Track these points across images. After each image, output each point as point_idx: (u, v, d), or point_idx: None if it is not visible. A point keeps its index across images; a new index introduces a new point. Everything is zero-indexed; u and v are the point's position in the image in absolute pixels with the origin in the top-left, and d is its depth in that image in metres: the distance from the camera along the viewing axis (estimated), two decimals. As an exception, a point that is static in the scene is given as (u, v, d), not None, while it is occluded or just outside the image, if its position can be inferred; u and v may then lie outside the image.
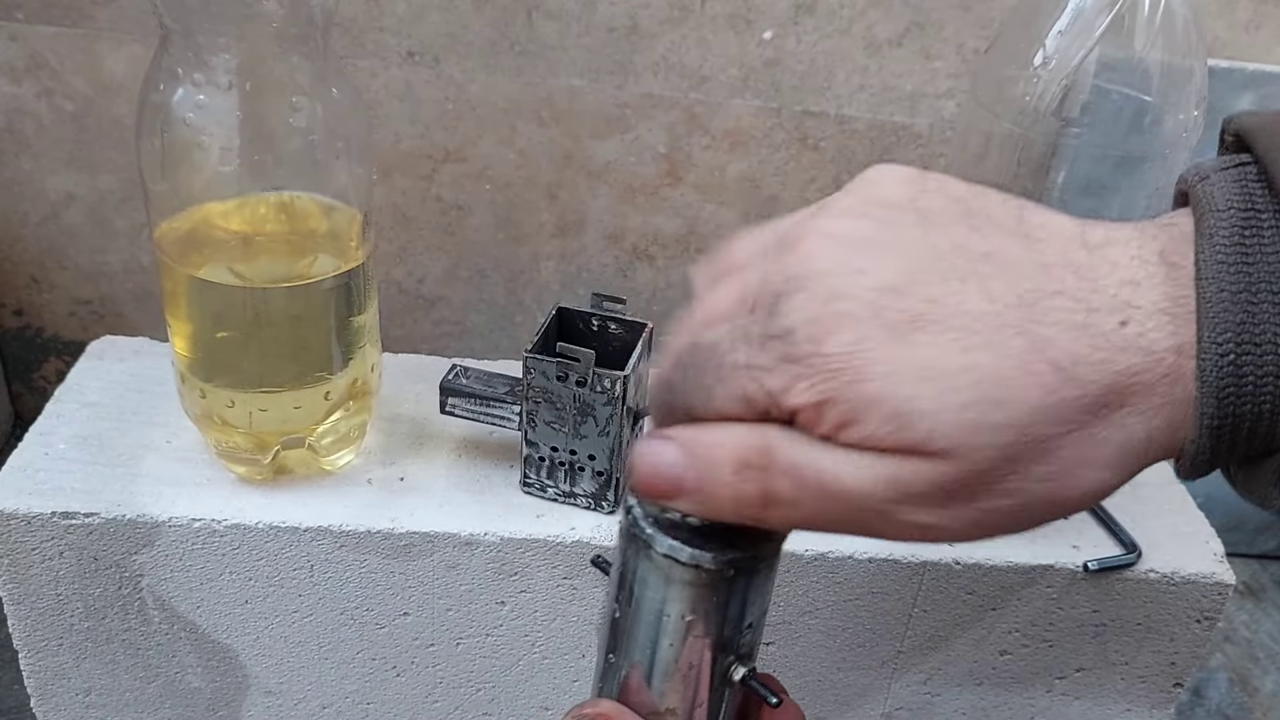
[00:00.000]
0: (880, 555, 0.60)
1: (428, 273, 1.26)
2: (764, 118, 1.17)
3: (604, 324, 0.59)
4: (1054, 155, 0.56)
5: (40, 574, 0.58)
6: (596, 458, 0.56)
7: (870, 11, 1.12)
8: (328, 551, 0.58)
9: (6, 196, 1.19)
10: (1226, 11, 1.13)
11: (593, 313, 0.59)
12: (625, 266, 1.26)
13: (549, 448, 0.57)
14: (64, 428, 0.62)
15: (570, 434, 0.56)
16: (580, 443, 0.56)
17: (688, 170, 1.20)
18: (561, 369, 0.54)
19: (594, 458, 0.56)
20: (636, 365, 0.56)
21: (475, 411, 0.58)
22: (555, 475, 0.58)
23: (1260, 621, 1.32)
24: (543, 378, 0.54)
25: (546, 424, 0.56)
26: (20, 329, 1.30)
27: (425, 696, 0.65)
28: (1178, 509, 0.66)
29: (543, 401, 0.55)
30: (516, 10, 1.10)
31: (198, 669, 0.63)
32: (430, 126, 1.16)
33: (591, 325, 0.59)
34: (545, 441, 0.57)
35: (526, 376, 0.55)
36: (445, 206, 1.21)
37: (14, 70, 1.11)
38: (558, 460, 0.57)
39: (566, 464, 0.57)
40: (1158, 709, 0.68)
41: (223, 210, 0.52)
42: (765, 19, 1.12)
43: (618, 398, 0.54)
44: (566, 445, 0.57)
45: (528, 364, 0.55)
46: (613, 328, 0.59)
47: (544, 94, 1.15)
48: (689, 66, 1.14)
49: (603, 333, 0.59)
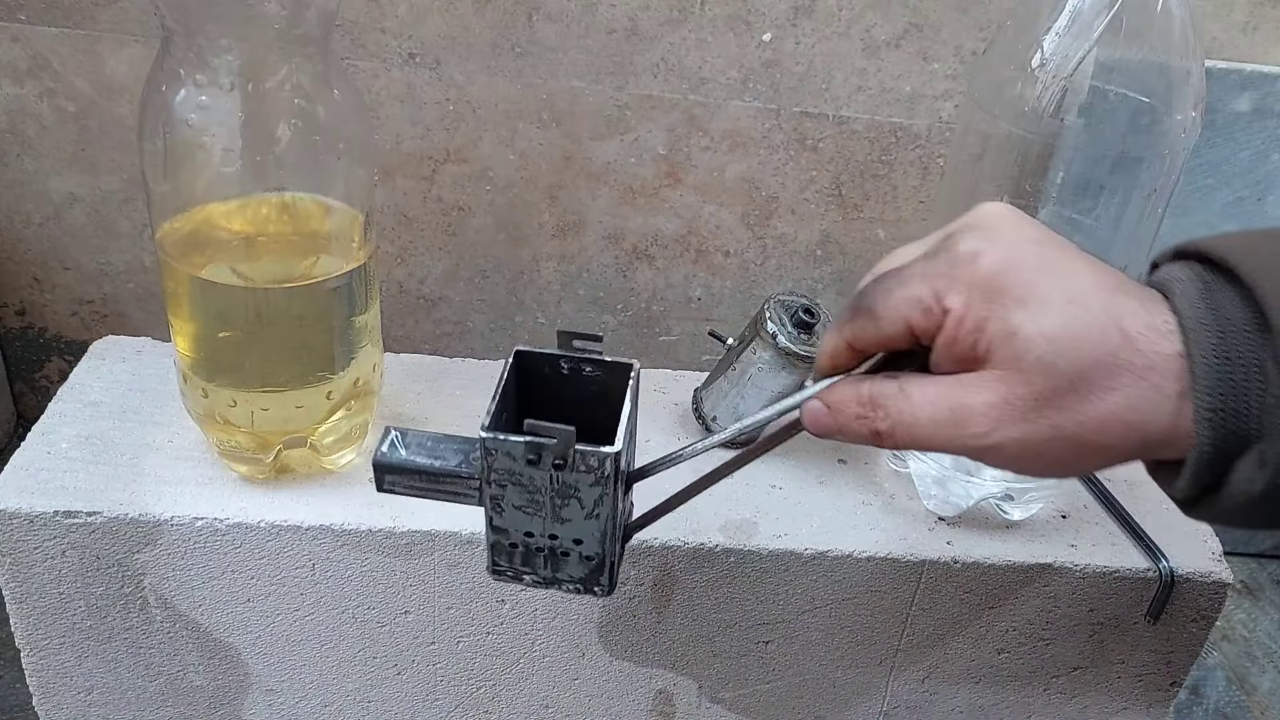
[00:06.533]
0: (879, 554, 0.61)
1: (429, 273, 1.26)
2: (763, 119, 1.17)
3: (577, 367, 0.47)
4: (1052, 156, 0.56)
5: (43, 573, 0.58)
6: (585, 541, 0.45)
7: (869, 13, 1.12)
8: (329, 550, 0.59)
9: (9, 197, 1.19)
10: (1224, 12, 1.13)
11: (561, 355, 0.47)
12: (625, 267, 1.27)
13: (522, 534, 0.45)
14: (66, 427, 0.62)
15: (549, 518, 0.45)
16: (563, 526, 0.45)
17: (687, 171, 1.20)
18: (532, 451, 0.42)
19: (581, 542, 0.45)
20: (629, 425, 0.45)
21: (423, 489, 0.46)
22: (533, 561, 0.46)
23: (1258, 620, 1.32)
24: (508, 459, 0.43)
25: (517, 509, 0.44)
26: (23, 329, 1.30)
27: (426, 695, 0.65)
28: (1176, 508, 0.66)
29: (510, 485, 0.44)
30: (517, 12, 1.10)
31: (199, 667, 0.63)
32: (431, 128, 1.16)
33: (560, 369, 0.47)
34: (517, 528, 0.45)
35: (487, 458, 0.43)
36: (446, 207, 1.22)
37: (16, 71, 1.12)
38: (534, 546, 0.46)
39: (546, 549, 0.46)
40: (1155, 707, 0.69)
41: (225, 211, 0.52)
42: (764, 21, 1.12)
43: (608, 476, 0.43)
44: (545, 530, 0.45)
45: (486, 445, 0.42)
46: (588, 370, 0.47)
47: (544, 95, 1.15)
48: (688, 68, 1.14)
49: (576, 377, 0.47)
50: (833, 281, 1.30)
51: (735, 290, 1.29)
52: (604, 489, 0.43)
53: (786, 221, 1.24)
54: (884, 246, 1.27)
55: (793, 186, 1.22)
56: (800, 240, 1.26)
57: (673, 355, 1.34)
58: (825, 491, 0.65)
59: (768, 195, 1.22)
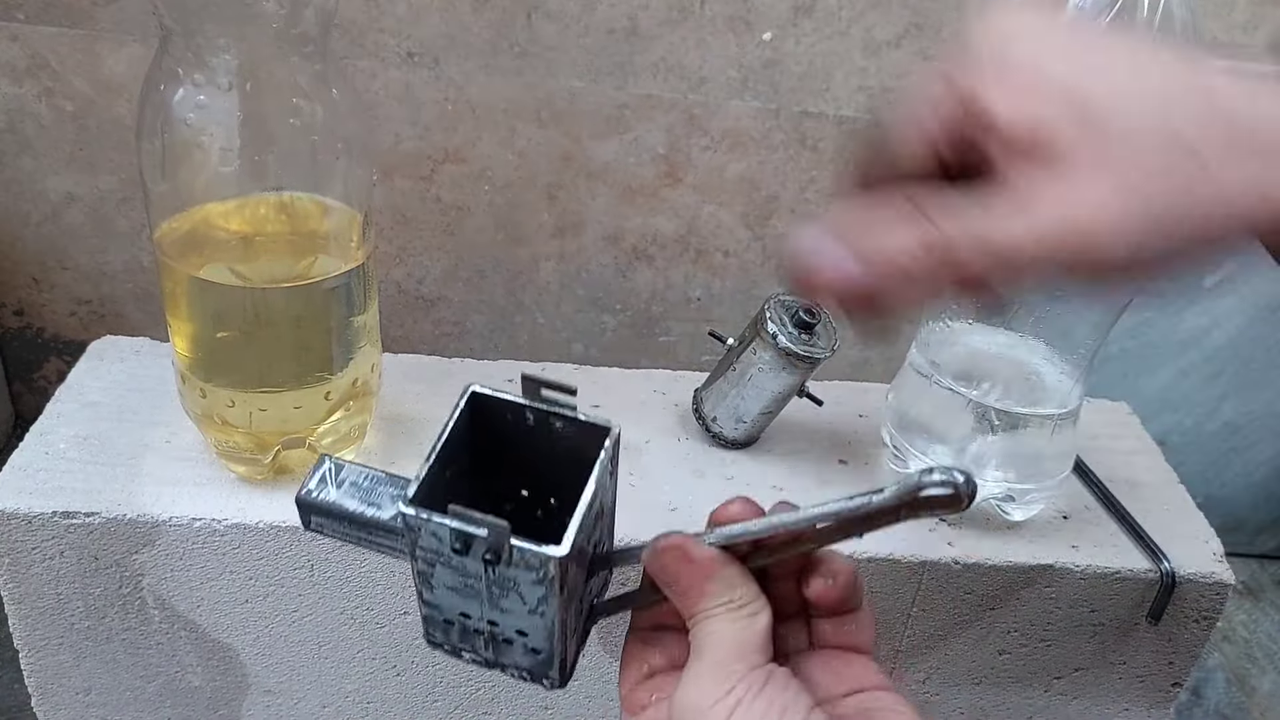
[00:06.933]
0: (880, 555, 0.61)
1: (427, 273, 1.26)
2: (763, 119, 1.17)
3: (544, 419, 0.38)
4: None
5: (41, 573, 0.58)
6: (530, 635, 0.37)
7: (869, 13, 1.12)
8: (327, 551, 0.59)
9: (7, 196, 1.19)
10: (1224, 12, 1.13)
11: (526, 405, 0.38)
12: (625, 267, 1.26)
13: (458, 613, 0.38)
14: (64, 427, 0.62)
15: (486, 604, 0.37)
16: (503, 616, 0.37)
17: (687, 171, 1.20)
18: (459, 540, 0.35)
19: (526, 634, 0.37)
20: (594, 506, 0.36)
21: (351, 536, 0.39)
22: (472, 641, 0.38)
23: (1259, 621, 1.32)
24: (434, 539, 0.35)
25: (449, 589, 0.37)
26: (21, 329, 1.30)
27: (425, 696, 0.65)
28: (1177, 509, 0.66)
29: (439, 565, 0.36)
30: (516, 11, 1.10)
31: (198, 668, 0.63)
32: (430, 127, 1.16)
33: (525, 419, 0.39)
34: (450, 605, 0.37)
35: (410, 533, 0.35)
36: (445, 207, 1.22)
37: (15, 70, 1.12)
38: (472, 628, 0.38)
39: (486, 633, 0.38)
40: (1156, 708, 0.69)
41: (223, 210, 0.52)
42: (764, 20, 1.12)
43: (551, 579, 0.34)
44: (483, 615, 0.37)
45: (409, 523, 0.35)
46: (558, 425, 0.38)
47: (543, 95, 1.15)
48: (688, 67, 1.14)
49: (544, 429, 0.39)
50: (832, 281, 1.29)
51: (735, 290, 1.29)
52: (548, 590, 0.35)
53: (787, 221, 1.24)
54: (884, 246, 1.26)
55: (793, 186, 1.22)
56: (800, 240, 1.26)
57: (673, 355, 1.34)
58: (826, 492, 0.64)
59: (768, 195, 1.22)
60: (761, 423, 0.66)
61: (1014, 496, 0.62)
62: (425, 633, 0.40)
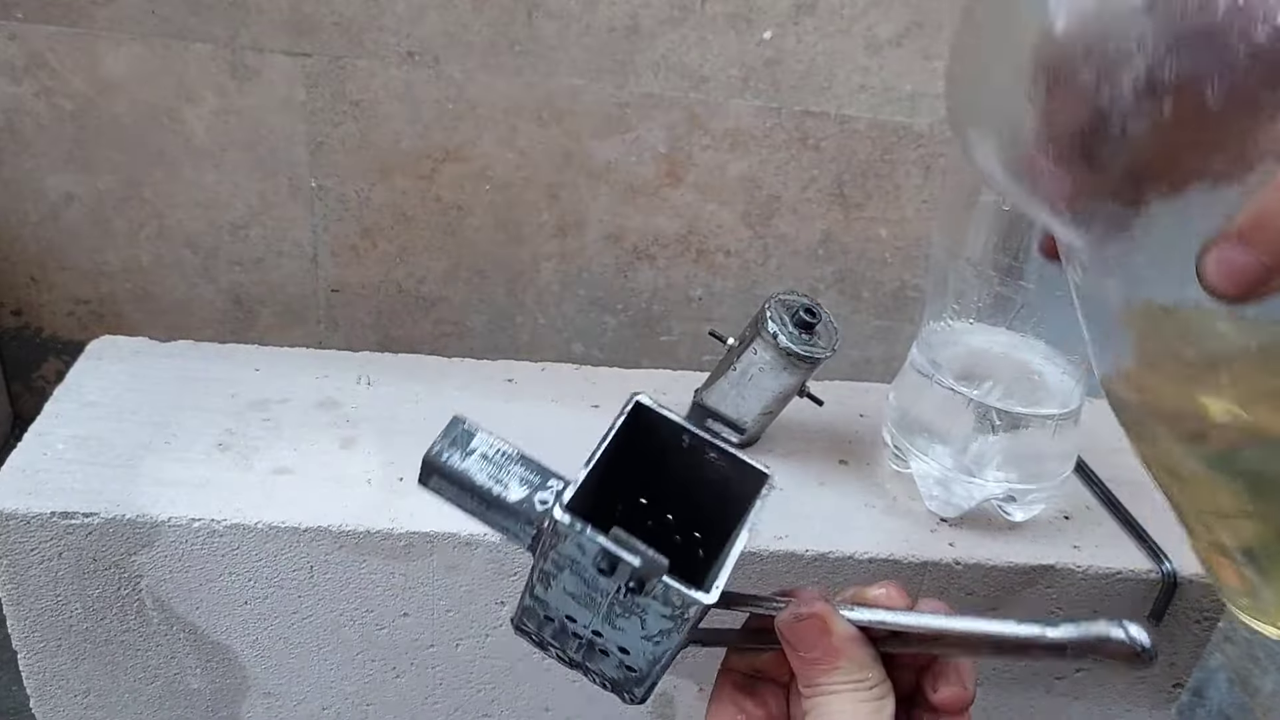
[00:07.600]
0: (881, 556, 0.60)
1: (428, 273, 1.26)
2: (764, 117, 1.17)
3: (698, 446, 0.38)
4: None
5: (39, 574, 0.58)
6: (632, 654, 0.37)
7: (871, 11, 1.11)
8: (327, 552, 0.58)
9: (6, 196, 1.19)
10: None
11: (684, 426, 0.38)
12: (625, 267, 1.26)
13: (564, 615, 0.38)
14: (63, 428, 0.61)
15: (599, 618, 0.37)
16: (613, 631, 0.37)
17: (688, 170, 1.20)
18: (607, 560, 0.34)
19: (628, 652, 0.37)
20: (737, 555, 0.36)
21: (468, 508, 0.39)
22: (565, 641, 0.39)
23: (1261, 622, 1.32)
24: (575, 549, 0.35)
25: (567, 593, 0.37)
26: (19, 329, 1.30)
27: (425, 697, 0.65)
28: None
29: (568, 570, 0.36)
30: (516, 10, 1.10)
31: (197, 670, 0.63)
32: (430, 126, 1.16)
33: (680, 440, 0.39)
34: (560, 607, 0.37)
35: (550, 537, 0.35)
36: (445, 206, 1.21)
37: (13, 69, 1.11)
38: (572, 631, 0.38)
39: (585, 639, 0.38)
40: (1158, 709, 0.68)
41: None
42: (765, 19, 1.12)
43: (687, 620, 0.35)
44: (590, 625, 0.37)
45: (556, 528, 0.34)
46: (712, 455, 0.38)
47: (544, 94, 1.15)
48: (689, 66, 1.14)
49: (696, 456, 0.38)
50: (834, 281, 1.29)
51: (736, 290, 1.29)
52: (675, 627, 0.35)
53: (788, 221, 1.24)
54: (886, 246, 1.26)
55: (794, 186, 1.22)
56: (802, 240, 1.25)
57: (673, 355, 1.33)
58: (826, 492, 0.64)
59: (769, 194, 1.22)
60: (762, 423, 0.65)
61: (1015, 497, 0.62)
62: (516, 617, 0.39)
